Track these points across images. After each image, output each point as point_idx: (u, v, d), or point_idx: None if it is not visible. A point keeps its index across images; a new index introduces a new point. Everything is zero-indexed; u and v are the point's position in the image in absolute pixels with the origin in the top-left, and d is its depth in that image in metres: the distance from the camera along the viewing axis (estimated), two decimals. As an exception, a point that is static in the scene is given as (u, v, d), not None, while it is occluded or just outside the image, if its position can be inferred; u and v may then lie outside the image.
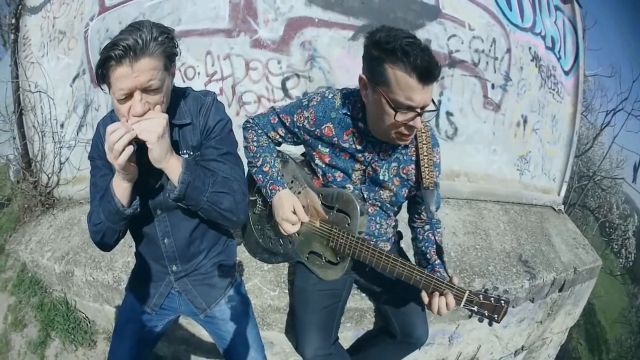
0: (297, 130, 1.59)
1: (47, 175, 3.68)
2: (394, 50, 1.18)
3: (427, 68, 1.17)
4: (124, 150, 1.04)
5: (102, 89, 1.11)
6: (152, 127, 1.07)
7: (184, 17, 2.80)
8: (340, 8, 2.76)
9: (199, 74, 2.80)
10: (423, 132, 1.51)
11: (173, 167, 1.14)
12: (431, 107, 1.28)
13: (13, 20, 4.13)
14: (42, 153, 3.72)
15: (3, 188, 5.03)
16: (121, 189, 1.16)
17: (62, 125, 3.65)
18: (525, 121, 3.62)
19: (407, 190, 1.60)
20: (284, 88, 2.80)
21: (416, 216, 1.72)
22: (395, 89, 1.23)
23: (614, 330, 11.29)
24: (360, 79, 1.35)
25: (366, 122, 1.46)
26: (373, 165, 1.54)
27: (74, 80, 3.55)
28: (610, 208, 11.31)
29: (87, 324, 2.75)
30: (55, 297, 2.87)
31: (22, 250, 3.16)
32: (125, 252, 2.42)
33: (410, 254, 1.85)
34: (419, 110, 1.26)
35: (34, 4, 3.95)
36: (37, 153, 3.78)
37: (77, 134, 3.53)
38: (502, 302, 1.36)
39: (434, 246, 1.65)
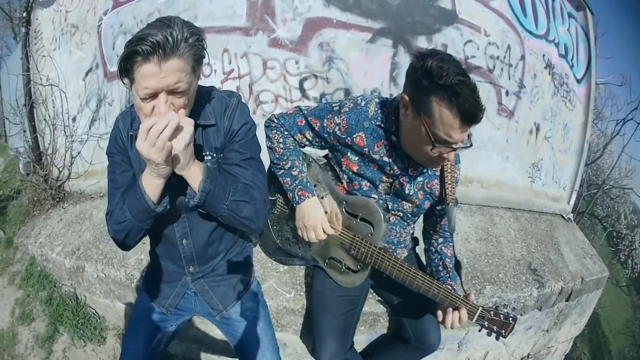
0: (326, 135, 1.55)
1: (58, 169, 3.68)
2: (445, 87, 1.16)
3: (473, 114, 1.18)
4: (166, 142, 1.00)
5: (124, 83, 1.06)
6: (180, 135, 1.03)
7: (200, 14, 2.79)
8: (359, 10, 2.75)
9: (215, 71, 2.79)
10: None
11: (194, 174, 1.11)
12: (466, 142, 1.29)
13: (24, 14, 4.13)
14: (53, 146, 3.72)
15: (13, 180, 5.03)
16: (153, 185, 1.11)
17: (74, 119, 3.65)
18: (537, 129, 3.61)
19: (429, 203, 1.61)
20: (301, 88, 2.79)
21: (432, 228, 1.73)
22: (437, 124, 1.23)
23: (617, 342, 11.22)
24: (402, 98, 1.33)
25: (399, 136, 1.44)
26: (400, 179, 1.53)
27: (86, 74, 3.56)
28: (618, 218, 11.25)
29: (97, 320, 2.74)
30: (65, 291, 2.87)
31: (31, 243, 3.15)
32: (138, 249, 2.41)
33: (421, 257, 1.87)
34: (454, 146, 1.26)
35: (45, -3, 3.96)
36: (48, 146, 3.78)
37: (90, 128, 3.53)
38: (510, 319, 1.46)
39: (446, 259, 1.67)
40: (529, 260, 2.81)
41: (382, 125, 1.46)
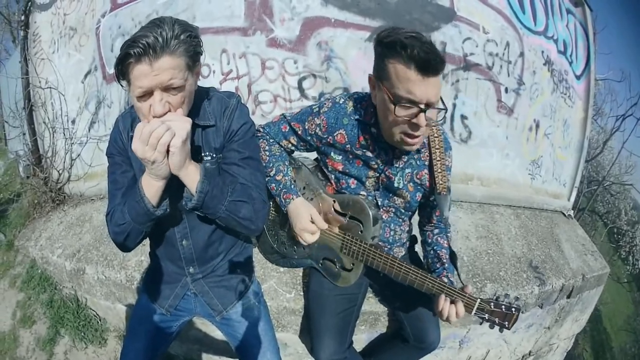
0: (309, 138, 1.57)
1: (58, 172, 3.68)
2: (394, 43, 1.16)
3: (425, 59, 1.13)
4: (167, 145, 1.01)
5: (122, 85, 1.07)
6: (177, 131, 1.03)
7: (198, 15, 2.79)
8: (357, 9, 2.75)
9: (214, 72, 2.78)
10: (436, 137, 1.49)
11: (191, 174, 1.11)
12: (439, 105, 1.24)
13: (22, 17, 4.15)
14: (52, 149, 3.73)
15: (13, 183, 5.04)
16: (153, 188, 1.11)
17: (73, 122, 3.65)
18: (537, 126, 3.60)
19: (420, 195, 1.59)
20: (300, 88, 2.78)
21: (426, 219, 1.71)
22: (396, 83, 1.20)
23: (618, 338, 11.24)
24: (370, 79, 1.34)
25: (379, 127, 1.43)
26: (387, 172, 1.52)
27: (85, 76, 3.56)
28: (619, 214, 11.28)
29: (98, 322, 2.75)
30: (66, 294, 2.88)
31: (31, 246, 3.15)
32: (138, 251, 2.41)
33: (420, 256, 1.85)
34: (421, 106, 1.20)
35: (43, 0, 3.97)
36: (48, 149, 3.78)
37: (89, 130, 3.53)
38: (513, 309, 1.40)
39: (443, 250, 1.65)
40: (530, 258, 2.80)
41: (361, 119, 1.46)
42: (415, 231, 1.83)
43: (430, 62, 1.14)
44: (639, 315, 11.97)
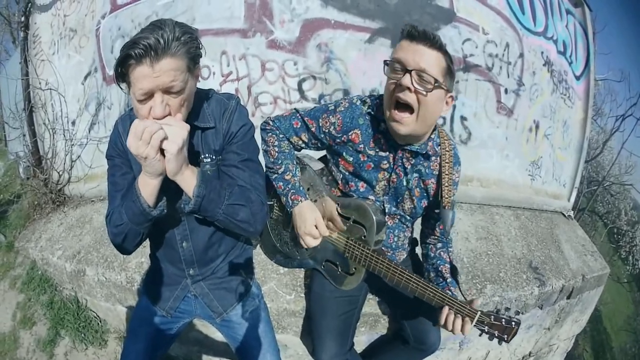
0: (322, 136, 1.57)
1: (58, 173, 3.68)
2: (402, 31, 1.33)
3: (411, 29, 1.28)
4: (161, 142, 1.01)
5: (121, 87, 1.07)
6: (173, 137, 1.03)
7: (198, 17, 2.79)
8: (356, 10, 2.75)
9: (214, 73, 2.78)
10: (447, 150, 1.51)
11: (187, 179, 1.11)
12: (431, 74, 1.27)
13: (22, 18, 4.14)
14: (52, 150, 3.73)
15: (13, 185, 5.04)
16: (149, 187, 1.11)
17: (73, 123, 3.65)
18: (537, 126, 3.60)
19: (426, 202, 1.59)
20: (300, 89, 2.79)
21: (429, 232, 1.71)
22: (393, 55, 1.34)
23: (619, 338, 11.23)
24: None
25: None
26: (397, 171, 1.53)
27: (85, 78, 3.56)
28: (619, 214, 11.27)
29: (98, 323, 2.75)
30: (66, 295, 2.88)
31: (32, 247, 3.16)
32: (139, 253, 2.39)
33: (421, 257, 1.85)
34: (408, 68, 1.27)
35: (43, 2, 3.96)
36: (48, 150, 3.78)
37: (89, 131, 3.53)
38: (513, 323, 1.39)
39: (446, 264, 1.64)
40: (530, 259, 2.80)
41: (373, 113, 1.48)
42: (416, 234, 1.83)
43: (416, 30, 1.28)
44: (639, 315, 11.97)
